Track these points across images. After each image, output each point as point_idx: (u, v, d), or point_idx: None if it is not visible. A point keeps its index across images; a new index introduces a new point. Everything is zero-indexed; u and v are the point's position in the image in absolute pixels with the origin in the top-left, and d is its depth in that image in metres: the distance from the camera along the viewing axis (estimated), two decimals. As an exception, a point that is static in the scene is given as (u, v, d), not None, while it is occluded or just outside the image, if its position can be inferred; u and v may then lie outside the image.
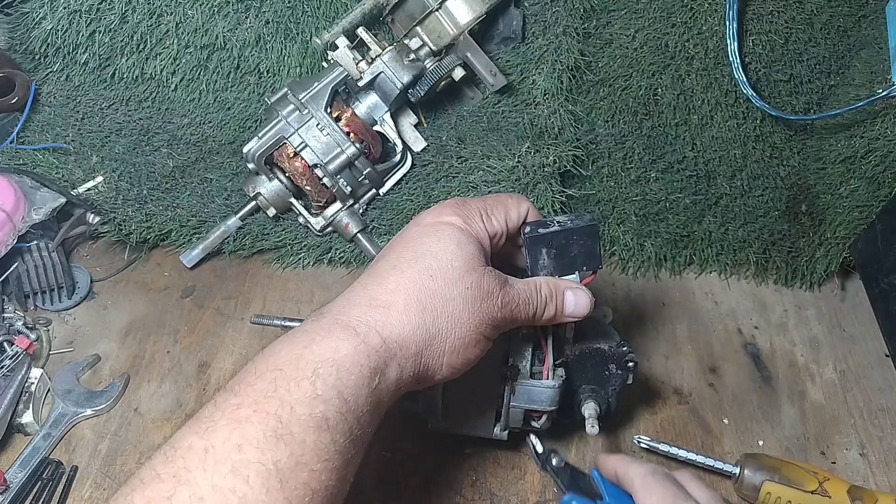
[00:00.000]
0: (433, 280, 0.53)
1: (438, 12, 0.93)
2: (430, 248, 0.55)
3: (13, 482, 0.73)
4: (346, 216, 0.95)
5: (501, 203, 0.60)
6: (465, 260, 0.54)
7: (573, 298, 0.60)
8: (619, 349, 0.71)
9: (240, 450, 0.42)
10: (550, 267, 0.62)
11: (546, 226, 0.61)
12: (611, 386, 0.71)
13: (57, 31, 0.95)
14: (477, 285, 0.54)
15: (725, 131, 0.99)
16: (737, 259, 1.00)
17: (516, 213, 0.61)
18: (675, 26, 0.97)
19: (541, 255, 0.61)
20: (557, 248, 0.61)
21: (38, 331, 0.86)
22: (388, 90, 0.93)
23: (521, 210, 0.61)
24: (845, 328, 0.95)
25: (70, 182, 0.94)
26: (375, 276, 0.55)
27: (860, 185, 0.94)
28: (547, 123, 0.98)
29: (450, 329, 0.53)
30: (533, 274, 0.63)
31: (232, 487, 0.41)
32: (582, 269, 0.63)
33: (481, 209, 0.58)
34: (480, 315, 0.54)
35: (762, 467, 0.73)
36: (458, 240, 0.55)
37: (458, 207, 0.58)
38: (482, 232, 0.57)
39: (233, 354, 0.88)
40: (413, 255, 0.55)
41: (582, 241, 0.61)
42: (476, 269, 0.54)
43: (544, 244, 0.61)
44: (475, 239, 0.56)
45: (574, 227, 0.61)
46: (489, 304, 0.54)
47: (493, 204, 0.60)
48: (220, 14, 0.97)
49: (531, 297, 0.58)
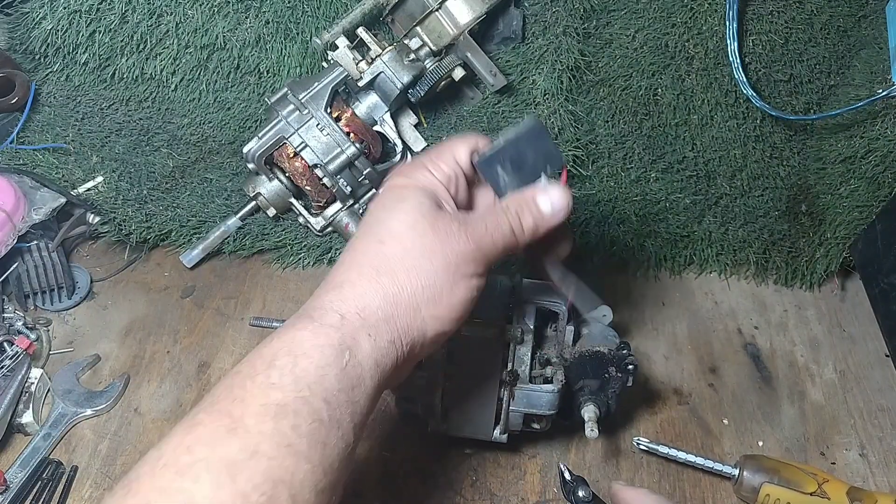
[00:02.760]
0: (382, 244, 0.52)
1: (438, 12, 0.93)
2: (377, 216, 0.54)
3: (13, 482, 0.73)
4: (346, 216, 0.95)
5: (447, 147, 0.57)
6: (410, 213, 0.52)
7: (547, 199, 0.56)
8: (619, 352, 0.71)
9: (189, 451, 0.42)
10: (513, 184, 0.58)
11: (493, 147, 0.58)
12: (610, 388, 0.71)
13: (57, 31, 0.95)
14: (431, 230, 0.51)
15: (725, 131, 0.99)
16: (737, 259, 1.00)
17: (465, 150, 0.57)
18: (675, 26, 0.97)
19: (498, 176, 0.58)
20: (512, 163, 0.57)
21: (38, 331, 0.86)
22: (388, 90, 0.93)
23: (469, 144, 0.57)
24: (845, 328, 0.95)
25: (70, 182, 0.94)
26: (335, 265, 0.54)
27: (860, 185, 0.94)
28: (547, 123, 0.98)
29: (414, 281, 0.51)
30: (501, 198, 0.58)
31: (179, 488, 0.40)
32: (546, 171, 0.58)
33: (426, 160, 0.56)
34: (445, 257, 0.51)
35: (761, 469, 0.73)
36: (401, 196, 0.53)
37: (403, 168, 0.57)
38: (429, 180, 0.55)
39: (233, 354, 0.88)
40: (362, 230, 0.54)
41: (534, 146, 0.57)
42: (426, 215, 0.52)
43: (497, 163, 0.57)
44: (421, 190, 0.54)
45: (519, 135, 0.57)
46: (452, 243, 0.51)
47: (438, 151, 0.57)
48: (220, 14, 0.97)
49: (499, 218, 0.54)
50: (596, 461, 0.79)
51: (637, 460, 0.79)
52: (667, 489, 0.77)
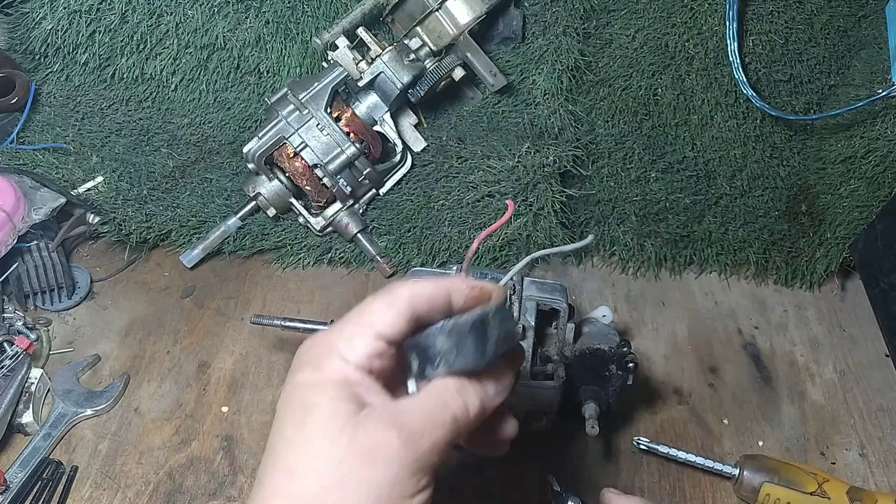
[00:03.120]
0: (293, 478, 0.40)
1: (438, 12, 0.93)
2: (283, 434, 0.42)
3: (13, 482, 0.73)
4: (346, 216, 0.95)
5: (367, 315, 0.43)
6: (323, 429, 0.40)
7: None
8: (620, 350, 0.71)
9: None
10: (452, 363, 0.43)
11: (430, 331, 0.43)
12: (611, 386, 0.71)
13: (57, 31, 0.95)
14: (353, 451, 0.40)
15: (725, 131, 0.99)
16: (737, 259, 1.00)
17: (392, 320, 0.43)
18: (675, 26, 0.97)
19: (435, 355, 0.43)
20: (454, 345, 0.43)
21: (38, 331, 0.86)
22: (388, 90, 0.93)
23: (400, 311, 0.43)
24: (845, 328, 0.95)
25: (70, 182, 0.94)
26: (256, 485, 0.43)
27: (860, 185, 0.94)
28: (547, 123, 0.98)
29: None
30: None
31: None
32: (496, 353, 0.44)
33: (338, 337, 0.43)
34: (377, 485, 0.39)
35: (761, 469, 0.73)
36: (310, 403, 0.41)
37: (310, 352, 0.44)
38: (343, 372, 0.42)
39: (233, 354, 0.88)
40: (268, 453, 0.42)
41: (486, 332, 0.43)
42: (344, 428, 0.40)
43: (432, 344, 0.43)
44: (335, 387, 0.41)
45: (469, 321, 0.43)
46: (383, 461, 0.39)
47: (356, 322, 0.43)
48: (220, 14, 0.97)
49: (437, 405, 0.42)
50: (596, 461, 0.79)
51: (637, 460, 0.79)
52: (667, 489, 0.77)
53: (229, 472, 0.77)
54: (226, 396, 0.83)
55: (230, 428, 0.80)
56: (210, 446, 0.79)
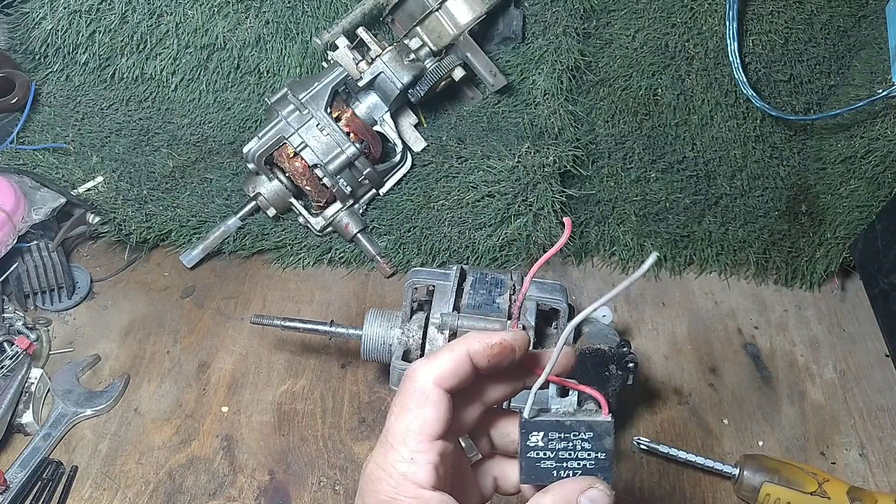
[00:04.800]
0: None
1: (438, 12, 0.93)
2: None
3: (13, 482, 0.73)
4: (346, 216, 0.95)
5: (410, 422, 0.40)
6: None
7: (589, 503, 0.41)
8: (620, 350, 0.71)
9: None
10: (546, 473, 0.43)
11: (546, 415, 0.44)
12: (611, 386, 0.71)
13: (57, 31, 0.96)
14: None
15: (725, 131, 0.99)
16: (737, 259, 1.00)
17: (435, 416, 0.40)
18: (675, 26, 0.97)
19: (537, 454, 0.43)
20: (559, 444, 0.44)
21: (38, 331, 0.86)
22: (388, 90, 0.93)
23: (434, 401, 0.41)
24: (845, 328, 0.95)
25: (70, 182, 0.94)
26: None
27: (860, 185, 0.94)
28: (547, 123, 0.98)
29: None
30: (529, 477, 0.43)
31: None
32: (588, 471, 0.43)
33: (396, 458, 0.40)
34: None
35: (762, 468, 0.73)
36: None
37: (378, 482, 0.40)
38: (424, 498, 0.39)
39: (233, 354, 0.88)
40: None
41: (589, 442, 0.44)
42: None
43: (542, 435, 0.44)
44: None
45: (585, 422, 0.44)
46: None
47: (402, 438, 0.40)
48: (220, 14, 0.97)
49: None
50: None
51: (637, 460, 0.79)
52: (667, 489, 0.77)
53: (229, 472, 0.77)
54: (226, 396, 0.83)
55: (230, 428, 0.80)
56: (210, 446, 0.79)
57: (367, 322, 0.74)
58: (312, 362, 0.87)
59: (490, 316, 0.68)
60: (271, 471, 0.77)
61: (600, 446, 0.43)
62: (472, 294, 0.71)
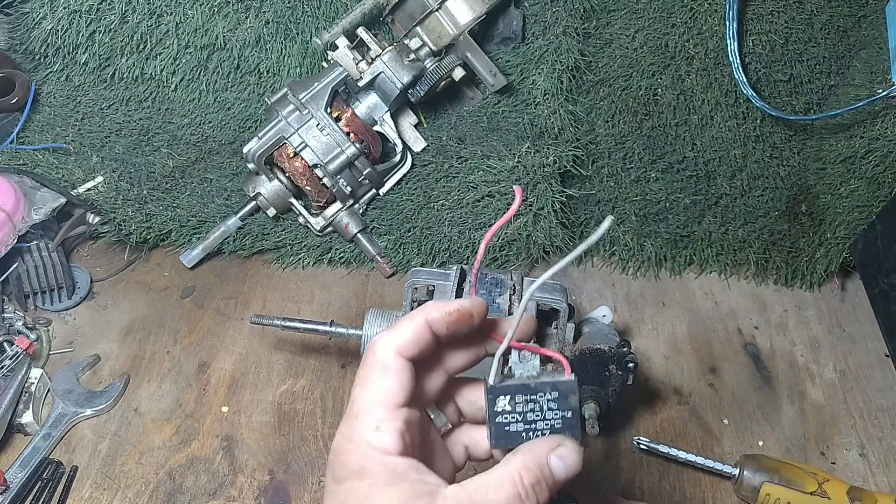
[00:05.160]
0: None
1: (438, 12, 0.93)
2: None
3: (13, 482, 0.73)
4: (346, 216, 0.95)
5: (376, 392, 0.41)
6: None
7: (561, 461, 0.43)
8: (620, 350, 0.71)
9: None
10: (515, 436, 0.44)
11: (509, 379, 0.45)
12: (611, 386, 0.71)
13: (57, 31, 0.96)
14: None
15: (725, 131, 0.99)
16: (737, 259, 1.00)
17: (397, 385, 0.41)
18: (675, 26, 0.97)
19: (504, 418, 0.44)
20: (525, 406, 0.44)
21: (38, 331, 0.86)
22: (388, 90, 0.93)
23: (396, 369, 0.42)
24: (845, 328, 0.95)
25: (70, 182, 0.94)
26: None
27: (860, 185, 0.94)
28: (547, 123, 0.98)
29: None
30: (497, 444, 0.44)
31: None
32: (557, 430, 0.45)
33: (363, 428, 0.40)
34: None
35: (762, 468, 0.73)
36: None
37: (345, 453, 0.41)
38: (389, 464, 0.40)
39: (233, 354, 0.88)
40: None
41: (556, 400, 0.44)
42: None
43: (507, 399, 0.44)
44: (388, 485, 0.39)
45: (550, 382, 0.44)
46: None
47: (368, 406, 0.41)
48: (220, 14, 0.97)
49: (508, 490, 0.40)
50: (596, 460, 0.79)
51: (637, 460, 0.79)
52: (667, 489, 0.77)
53: (229, 472, 0.77)
54: (226, 396, 0.83)
55: (230, 428, 0.80)
56: (210, 446, 0.79)
57: (367, 322, 0.74)
58: (312, 362, 0.87)
59: (490, 316, 0.68)
60: (271, 471, 0.77)
61: (566, 405, 0.44)
62: (472, 294, 0.71)
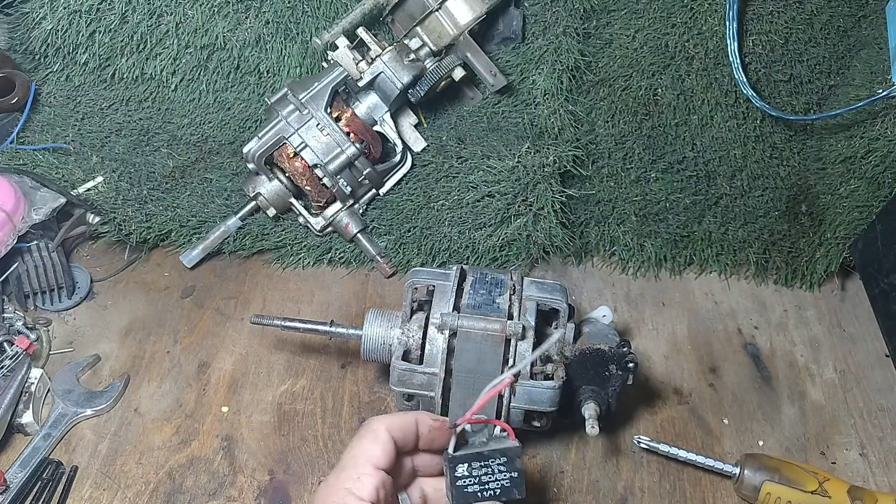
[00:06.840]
0: None
1: (438, 12, 0.93)
2: None
3: (13, 482, 0.73)
4: (346, 216, 0.95)
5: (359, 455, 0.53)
6: None
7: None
8: (620, 350, 0.71)
9: None
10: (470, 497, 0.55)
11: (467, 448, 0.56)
12: (611, 386, 0.71)
13: (57, 31, 0.96)
14: None
15: (725, 131, 0.99)
16: (737, 259, 1.00)
17: (380, 452, 0.53)
18: (675, 26, 0.97)
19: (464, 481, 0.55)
20: (479, 472, 0.56)
21: (38, 331, 0.86)
22: (388, 90, 0.93)
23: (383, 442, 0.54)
24: (845, 328, 0.95)
25: (70, 182, 0.94)
26: None
27: (860, 186, 0.94)
28: (547, 123, 0.98)
29: None
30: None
31: None
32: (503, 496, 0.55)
33: (346, 478, 0.52)
34: None
35: (762, 467, 0.73)
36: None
37: (327, 496, 0.51)
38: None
39: (233, 354, 0.88)
40: None
41: (505, 465, 0.56)
42: None
43: (465, 467, 0.55)
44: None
45: (498, 449, 0.56)
46: None
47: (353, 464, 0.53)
48: (220, 14, 0.97)
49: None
50: (596, 460, 0.79)
51: (637, 459, 0.79)
52: (667, 488, 0.77)
53: (229, 472, 0.77)
54: (226, 396, 0.83)
55: (230, 428, 0.80)
56: (210, 446, 0.79)
57: (367, 322, 0.74)
58: (312, 362, 0.87)
59: (490, 316, 0.68)
60: (271, 471, 0.77)
61: (513, 467, 0.55)
62: (472, 294, 0.71)
